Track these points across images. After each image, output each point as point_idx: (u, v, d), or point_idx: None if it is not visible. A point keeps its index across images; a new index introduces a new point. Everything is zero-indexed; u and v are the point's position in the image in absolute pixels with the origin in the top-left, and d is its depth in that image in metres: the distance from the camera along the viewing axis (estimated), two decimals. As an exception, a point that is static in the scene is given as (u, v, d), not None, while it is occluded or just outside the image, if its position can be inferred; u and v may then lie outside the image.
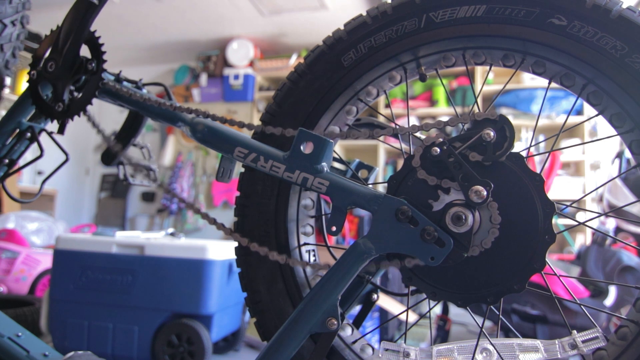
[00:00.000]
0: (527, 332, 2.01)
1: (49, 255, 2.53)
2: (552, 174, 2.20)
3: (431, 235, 0.60)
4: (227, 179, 0.81)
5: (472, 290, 0.66)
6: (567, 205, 0.81)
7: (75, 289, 1.77)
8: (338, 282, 0.61)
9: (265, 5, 3.95)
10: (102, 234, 1.92)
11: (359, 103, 0.78)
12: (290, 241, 0.76)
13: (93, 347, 1.71)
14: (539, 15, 0.64)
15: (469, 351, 0.70)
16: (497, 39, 0.68)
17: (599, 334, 0.66)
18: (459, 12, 0.67)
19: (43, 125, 0.98)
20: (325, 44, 0.73)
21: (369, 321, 1.99)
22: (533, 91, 3.96)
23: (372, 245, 0.61)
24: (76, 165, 5.30)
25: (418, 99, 4.40)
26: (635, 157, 0.68)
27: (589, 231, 3.54)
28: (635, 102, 0.62)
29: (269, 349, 0.60)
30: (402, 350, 0.71)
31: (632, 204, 2.23)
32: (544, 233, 0.63)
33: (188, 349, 1.70)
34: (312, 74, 0.74)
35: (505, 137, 0.63)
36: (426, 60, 0.73)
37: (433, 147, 0.64)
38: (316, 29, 4.29)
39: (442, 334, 2.15)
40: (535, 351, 0.67)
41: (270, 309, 0.75)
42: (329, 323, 0.59)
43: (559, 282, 1.78)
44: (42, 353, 0.91)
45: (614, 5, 0.61)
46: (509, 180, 0.64)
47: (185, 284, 1.71)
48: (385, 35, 0.70)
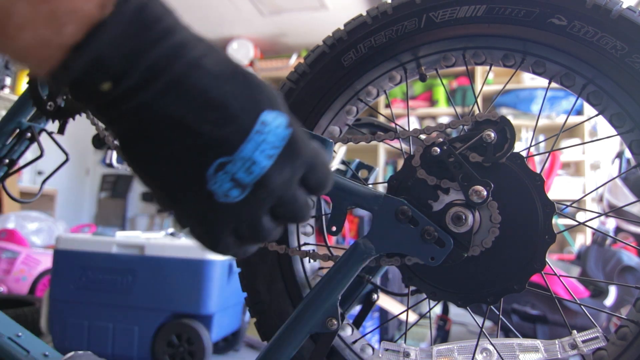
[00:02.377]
0: (527, 332, 2.01)
1: (49, 255, 2.53)
2: (552, 174, 2.20)
3: (431, 235, 0.60)
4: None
5: (472, 290, 0.66)
6: (567, 205, 0.81)
7: (76, 289, 1.77)
8: (338, 282, 0.61)
9: (265, 5, 3.95)
10: (102, 234, 1.92)
11: (359, 103, 0.78)
12: (290, 241, 0.77)
13: (93, 347, 1.71)
14: (539, 15, 0.64)
15: (469, 351, 0.70)
16: (497, 39, 0.68)
17: (599, 334, 0.66)
18: (459, 12, 0.67)
19: (43, 125, 0.98)
20: (326, 44, 0.73)
21: (369, 321, 1.99)
22: (533, 91, 3.96)
23: (372, 245, 0.61)
24: (76, 165, 5.30)
25: (418, 98, 4.40)
26: (635, 157, 0.68)
27: (589, 231, 3.55)
28: (635, 102, 0.62)
29: (269, 349, 0.60)
30: (402, 350, 0.71)
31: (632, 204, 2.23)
32: (544, 233, 0.63)
33: (188, 349, 1.70)
34: (312, 74, 0.74)
35: (505, 138, 0.63)
36: (426, 60, 0.73)
37: (433, 147, 0.64)
38: (316, 29, 4.29)
39: (442, 334, 2.14)
40: (535, 351, 0.67)
41: (270, 309, 0.75)
42: (329, 323, 0.59)
43: (559, 282, 1.78)
44: (42, 353, 0.91)
45: (614, 5, 0.61)
46: (509, 180, 0.64)
47: (185, 284, 1.71)
48: (386, 35, 0.70)
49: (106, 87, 0.32)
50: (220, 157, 0.35)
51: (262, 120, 0.36)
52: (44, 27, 0.30)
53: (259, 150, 0.35)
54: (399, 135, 0.71)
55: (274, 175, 0.36)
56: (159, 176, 0.36)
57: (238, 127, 0.35)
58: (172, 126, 0.34)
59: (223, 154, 0.35)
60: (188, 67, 0.34)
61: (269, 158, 0.36)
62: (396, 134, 0.71)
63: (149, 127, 0.34)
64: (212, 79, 0.35)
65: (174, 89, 0.33)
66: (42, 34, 0.30)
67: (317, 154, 0.40)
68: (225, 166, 0.35)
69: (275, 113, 0.36)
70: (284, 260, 0.76)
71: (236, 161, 0.35)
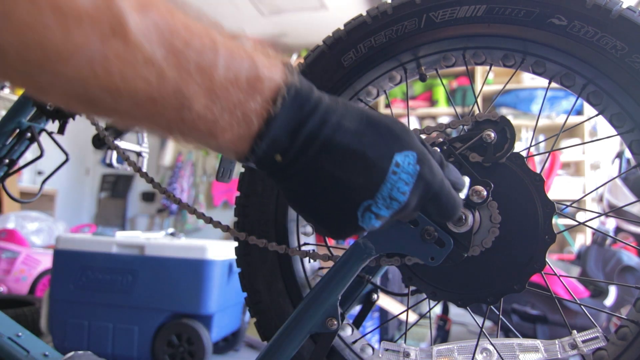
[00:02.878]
0: (527, 332, 2.01)
1: (49, 255, 2.53)
2: (552, 174, 2.20)
3: (431, 236, 0.60)
4: (227, 179, 0.81)
5: (472, 290, 0.66)
6: (567, 205, 0.81)
7: (76, 289, 1.77)
8: (338, 282, 0.61)
9: (265, 5, 3.95)
10: (102, 234, 1.92)
11: (359, 103, 0.78)
12: (290, 241, 0.77)
13: (93, 347, 1.71)
14: (539, 15, 0.64)
15: (469, 351, 0.70)
16: (497, 39, 0.68)
17: (599, 334, 0.66)
18: (459, 12, 0.67)
19: (43, 125, 0.98)
20: (325, 44, 0.73)
21: (369, 321, 1.99)
22: (533, 91, 3.96)
23: (372, 245, 0.61)
24: (76, 165, 5.30)
25: (418, 98, 4.40)
26: (635, 157, 0.68)
27: (589, 231, 3.54)
28: (635, 102, 0.62)
29: (269, 349, 0.60)
30: (402, 350, 0.71)
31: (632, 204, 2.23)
32: (544, 233, 0.63)
33: (188, 349, 1.70)
34: (312, 74, 0.74)
35: (505, 138, 0.63)
36: (426, 60, 0.73)
37: (433, 147, 0.64)
38: (316, 29, 4.29)
39: (442, 334, 2.15)
40: (535, 351, 0.67)
41: (270, 309, 0.75)
42: (329, 323, 0.59)
43: (559, 282, 1.78)
44: (42, 353, 0.91)
45: (614, 5, 0.61)
46: (509, 181, 0.64)
47: (185, 284, 1.71)
48: (386, 35, 0.70)
49: (278, 159, 0.42)
50: (365, 200, 0.43)
51: (395, 161, 0.43)
52: (240, 127, 0.40)
53: (395, 189, 0.43)
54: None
55: (406, 207, 0.45)
56: (320, 218, 0.46)
57: (376, 172, 0.43)
58: (326, 180, 0.43)
59: (367, 197, 0.43)
60: (332, 130, 0.43)
61: (404, 194, 0.44)
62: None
63: (309, 184, 0.44)
64: (351, 135, 0.43)
65: (324, 150, 0.42)
66: (239, 132, 0.40)
67: (442, 185, 0.47)
68: (370, 207, 0.43)
69: (405, 153, 0.44)
70: (284, 260, 0.76)
71: (378, 201, 0.43)
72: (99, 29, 0.33)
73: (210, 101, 0.38)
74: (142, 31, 0.34)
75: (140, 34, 0.34)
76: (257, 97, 0.41)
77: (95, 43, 0.33)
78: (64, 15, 0.31)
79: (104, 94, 0.35)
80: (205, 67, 0.38)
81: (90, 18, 0.32)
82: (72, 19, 0.31)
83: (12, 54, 0.31)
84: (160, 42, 0.35)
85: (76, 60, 0.32)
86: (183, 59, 0.37)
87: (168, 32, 0.36)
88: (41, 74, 0.33)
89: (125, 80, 0.35)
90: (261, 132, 0.41)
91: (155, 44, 0.35)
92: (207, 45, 0.38)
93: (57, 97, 0.36)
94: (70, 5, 0.31)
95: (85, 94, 0.35)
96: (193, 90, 0.37)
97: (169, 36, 0.36)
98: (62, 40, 0.31)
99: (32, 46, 0.31)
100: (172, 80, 0.36)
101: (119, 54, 0.34)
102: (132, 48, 0.34)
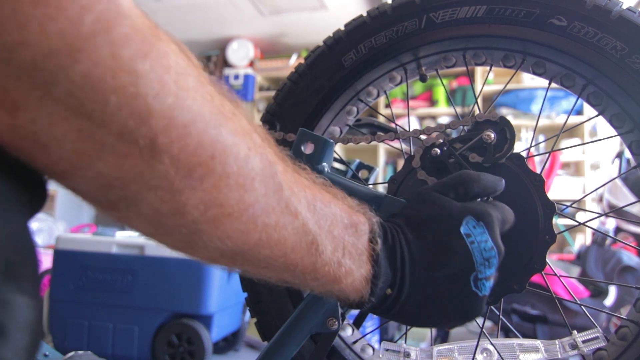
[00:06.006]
0: (527, 332, 2.01)
1: (49, 255, 2.53)
2: (552, 174, 2.20)
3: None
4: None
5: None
6: (567, 205, 0.81)
7: (75, 289, 1.77)
8: (338, 282, 0.61)
9: (265, 5, 3.95)
10: (102, 234, 1.92)
11: (359, 103, 0.78)
12: (291, 241, 0.76)
13: (93, 347, 1.71)
14: (539, 16, 0.64)
15: (469, 351, 0.70)
16: (498, 40, 0.68)
17: (599, 334, 0.66)
18: (459, 13, 0.67)
19: (43, 126, 0.98)
20: (326, 44, 0.73)
21: (369, 321, 1.99)
22: (533, 91, 3.95)
23: (372, 246, 0.61)
24: (76, 165, 5.29)
25: (418, 99, 4.40)
26: (635, 157, 0.68)
27: (589, 231, 3.54)
28: (635, 102, 0.62)
29: (270, 349, 0.60)
30: (402, 351, 0.71)
31: (632, 204, 2.23)
32: (544, 233, 0.63)
33: (188, 349, 1.70)
34: (312, 74, 0.74)
35: (505, 138, 0.63)
36: (426, 61, 0.73)
37: (433, 148, 0.64)
38: (316, 29, 4.29)
39: (442, 334, 2.14)
40: (535, 351, 0.67)
41: (270, 309, 0.75)
42: (330, 323, 0.59)
43: (559, 282, 1.78)
44: (42, 353, 0.91)
45: (614, 6, 0.61)
46: (509, 181, 0.64)
47: (185, 284, 1.71)
48: (386, 35, 0.70)
49: (388, 292, 0.46)
50: (470, 275, 0.47)
51: (464, 235, 0.47)
52: (360, 269, 0.44)
53: (482, 251, 0.47)
54: (399, 136, 0.71)
55: (501, 251, 0.49)
56: (451, 316, 0.49)
57: (460, 251, 0.47)
58: (433, 286, 0.47)
59: (471, 272, 0.47)
60: (412, 243, 0.47)
61: (492, 248, 0.47)
62: (396, 135, 0.72)
63: (422, 298, 0.47)
64: (436, 253, 0.47)
65: (417, 265, 0.47)
66: (360, 273, 0.44)
67: (500, 212, 0.52)
68: (478, 276, 0.47)
69: (464, 222, 0.48)
70: (284, 261, 0.76)
71: (479, 269, 0.47)
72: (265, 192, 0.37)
73: (334, 246, 0.42)
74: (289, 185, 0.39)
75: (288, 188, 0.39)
76: (362, 239, 0.45)
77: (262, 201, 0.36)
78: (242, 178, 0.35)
79: (257, 248, 0.38)
80: (329, 215, 0.43)
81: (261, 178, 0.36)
82: (249, 184, 0.35)
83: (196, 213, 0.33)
84: (307, 206, 0.41)
85: (246, 218, 0.35)
86: (318, 214, 0.42)
87: (311, 196, 0.41)
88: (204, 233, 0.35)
89: (279, 231, 0.38)
90: (376, 271, 0.45)
91: (304, 208, 0.40)
92: (326, 198, 0.44)
93: (206, 254, 0.38)
94: (244, 171, 0.35)
95: (240, 250, 0.37)
96: (324, 236, 0.41)
97: (312, 199, 0.41)
98: (237, 200, 0.35)
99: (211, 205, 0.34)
100: (312, 231, 0.40)
101: (279, 212, 0.38)
102: (289, 210, 0.39)
